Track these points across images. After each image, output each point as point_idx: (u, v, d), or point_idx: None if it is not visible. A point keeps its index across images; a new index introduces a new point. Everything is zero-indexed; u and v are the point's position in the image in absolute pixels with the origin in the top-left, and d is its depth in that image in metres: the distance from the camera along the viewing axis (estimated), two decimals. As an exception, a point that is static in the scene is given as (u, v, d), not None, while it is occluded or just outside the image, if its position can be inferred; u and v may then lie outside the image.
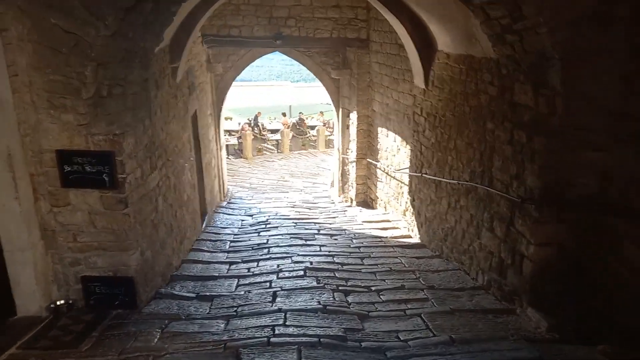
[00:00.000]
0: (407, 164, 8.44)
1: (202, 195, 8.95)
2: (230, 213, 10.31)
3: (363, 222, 9.14)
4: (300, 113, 24.59)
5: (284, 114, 24.04)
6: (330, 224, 9.14)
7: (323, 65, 11.25)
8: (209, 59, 10.49)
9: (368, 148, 10.74)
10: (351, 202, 11.42)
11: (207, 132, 9.97)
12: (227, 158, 18.68)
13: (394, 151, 9.22)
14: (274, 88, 26.65)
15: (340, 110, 11.45)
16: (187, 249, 6.92)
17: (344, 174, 11.76)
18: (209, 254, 6.93)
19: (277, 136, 20.35)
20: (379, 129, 9.97)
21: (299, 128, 23.19)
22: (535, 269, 4.07)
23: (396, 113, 8.95)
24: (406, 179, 8.57)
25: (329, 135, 21.43)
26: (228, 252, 7.10)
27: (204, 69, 10.03)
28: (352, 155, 11.08)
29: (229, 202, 11.59)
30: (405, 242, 7.46)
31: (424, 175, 7.10)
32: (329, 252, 6.76)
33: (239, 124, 23.00)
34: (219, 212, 10.27)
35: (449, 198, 6.20)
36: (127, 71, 4.15)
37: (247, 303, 4.64)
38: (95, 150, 3.85)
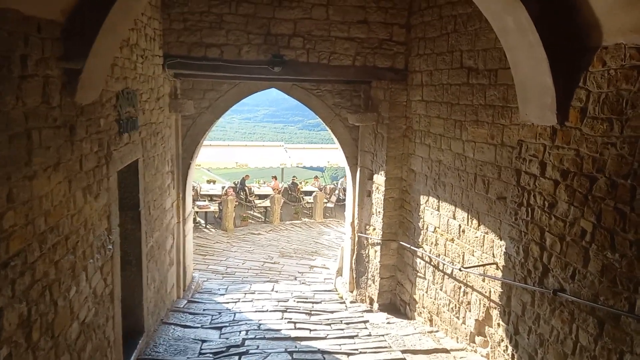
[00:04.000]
0: (487, 257, 5.01)
1: (133, 307, 5.35)
2: (188, 323, 6.58)
3: (404, 353, 5.49)
4: (293, 177, 21.43)
5: (274, 177, 20.80)
6: (347, 352, 5.48)
7: (337, 108, 8.10)
8: (174, 93, 7.29)
9: (400, 225, 7.34)
10: (371, 303, 7.80)
11: (160, 198, 6.53)
12: (206, 228, 15.15)
13: (453, 234, 5.82)
14: (265, 149, 23.65)
15: (359, 170, 8.17)
16: None
17: (360, 260, 8.23)
18: None
19: (267, 202, 16.94)
20: (422, 198, 6.63)
21: (292, 194, 19.87)
22: None
23: (459, 174, 5.66)
24: (480, 284, 5.10)
25: (326, 203, 18.10)
26: None
27: (165, 106, 6.79)
28: (375, 234, 7.63)
29: (190, 300, 7.87)
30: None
31: (558, 293, 3.63)
32: None
33: (223, 187, 19.68)
34: (171, 322, 6.55)
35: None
36: None
37: None
38: None
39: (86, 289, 3.61)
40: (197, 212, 15.74)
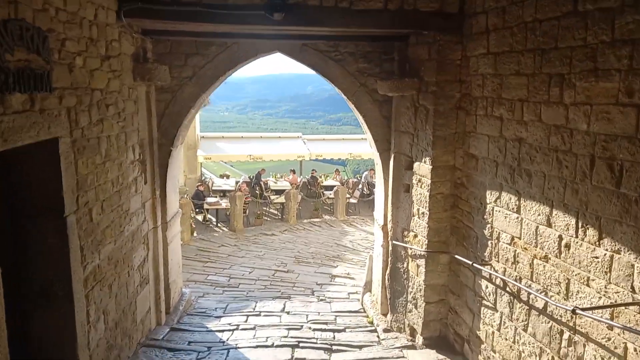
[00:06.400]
0: (618, 291, 2.97)
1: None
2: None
3: None
4: (313, 170, 19.51)
5: (292, 171, 18.93)
6: None
7: (362, 76, 6.08)
8: (142, 56, 5.40)
9: (453, 232, 5.32)
10: (412, 334, 5.81)
11: (117, 197, 4.67)
12: (217, 227, 13.38)
13: (548, 249, 3.78)
14: (282, 142, 21.72)
15: (393, 158, 6.15)
16: None
17: (396, 276, 6.25)
18: None
19: (282, 199, 15.05)
20: (489, 195, 4.60)
21: (311, 189, 17.97)
22: None
23: (559, 158, 3.61)
24: (605, 332, 3.06)
25: (349, 199, 16.09)
26: None
27: (125, 71, 4.91)
28: (418, 243, 5.63)
29: (173, 328, 6.04)
30: None
31: None
32: None
33: (237, 182, 17.93)
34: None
35: None
36: None
37: None
38: None
39: None
40: (207, 210, 14.05)
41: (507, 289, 4.39)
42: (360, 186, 18.28)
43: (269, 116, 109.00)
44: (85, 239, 3.90)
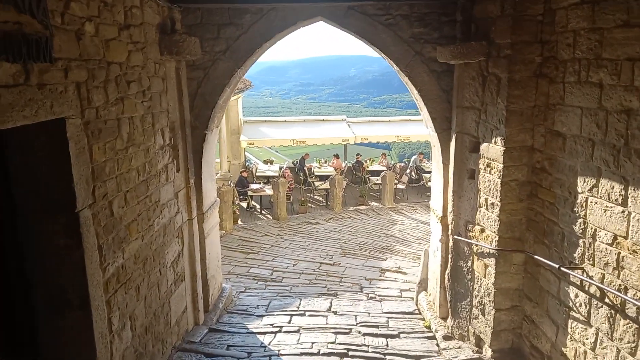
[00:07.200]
0: None
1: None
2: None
3: None
4: (357, 155, 18.75)
5: (336, 156, 18.24)
6: None
7: (417, 43, 5.24)
8: (171, 27, 4.84)
9: (531, 227, 4.46)
10: (478, 344, 5.04)
11: (145, 187, 4.17)
12: (261, 214, 12.99)
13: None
14: (326, 125, 20.98)
15: (454, 138, 5.32)
16: None
17: (458, 276, 5.46)
18: None
19: (327, 185, 14.42)
20: (581, 182, 3.72)
21: (356, 174, 17.24)
22: None
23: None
24: None
25: (397, 184, 15.20)
26: None
27: (150, 44, 4.38)
28: (486, 239, 4.81)
29: (212, 329, 5.57)
30: None
31: None
32: None
33: (280, 168, 17.50)
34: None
35: None
36: None
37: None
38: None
39: None
40: (251, 197, 13.70)
41: (607, 300, 3.53)
42: (408, 171, 17.35)
43: (312, 100, 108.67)
44: (105, 236, 3.42)
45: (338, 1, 5.03)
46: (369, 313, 6.19)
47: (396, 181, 15.22)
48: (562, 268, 3.89)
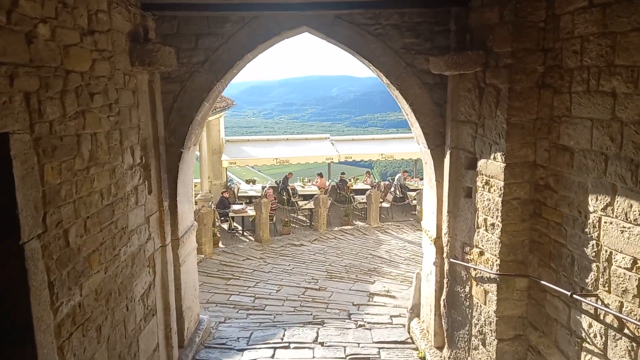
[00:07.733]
0: None
1: None
2: None
3: None
4: (342, 174, 18.44)
5: (320, 175, 17.88)
6: None
7: (408, 54, 4.95)
8: (143, 36, 4.44)
9: (534, 248, 4.12)
10: (478, 375, 4.63)
11: (109, 212, 3.70)
12: (243, 236, 12.45)
13: None
14: (309, 143, 20.66)
15: (449, 154, 5.00)
16: None
17: (455, 302, 5.08)
18: None
19: (311, 204, 14.01)
20: (592, 200, 3.40)
21: (340, 193, 16.89)
22: None
23: None
24: None
25: (382, 203, 14.85)
26: None
27: (119, 52, 3.97)
28: (485, 262, 4.45)
29: (186, 367, 5.05)
30: None
31: None
32: None
33: (263, 187, 17.04)
34: None
35: None
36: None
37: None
38: None
39: None
40: (232, 218, 13.17)
41: (626, 331, 3.18)
42: (392, 189, 17.09)
43: (294, 120, 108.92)
44: (58, 270, 2.94)
45: (325, 9, 4.71)
46: (358, 344, 5.74)
47: (381, 200, 14.91)
48: (574, 295, 3.54)
